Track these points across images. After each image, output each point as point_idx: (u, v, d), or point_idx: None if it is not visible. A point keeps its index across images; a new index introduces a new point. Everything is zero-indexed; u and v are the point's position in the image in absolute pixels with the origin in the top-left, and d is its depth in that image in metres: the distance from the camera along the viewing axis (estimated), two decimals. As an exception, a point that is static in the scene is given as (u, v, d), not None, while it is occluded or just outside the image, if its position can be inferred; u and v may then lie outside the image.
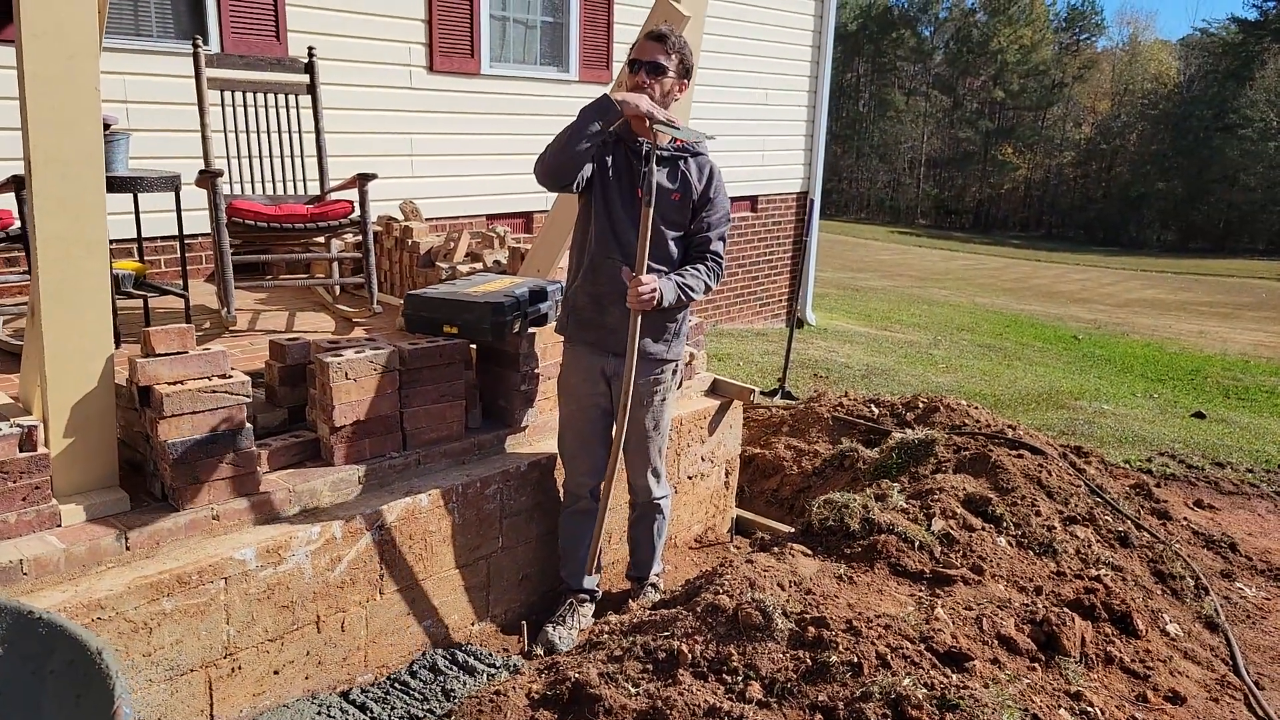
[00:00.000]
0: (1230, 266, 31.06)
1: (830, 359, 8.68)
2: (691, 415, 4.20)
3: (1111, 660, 2.74)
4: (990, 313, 15.18)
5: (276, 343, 3.23)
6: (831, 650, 2.38)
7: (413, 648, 3.20)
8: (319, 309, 4.69)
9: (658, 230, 3.13)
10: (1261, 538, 4.45)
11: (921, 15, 59.70)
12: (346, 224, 4.30)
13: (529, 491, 3.52)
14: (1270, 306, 20.20)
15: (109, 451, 2.73)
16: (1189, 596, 3.44)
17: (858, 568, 3.00)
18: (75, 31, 2.51)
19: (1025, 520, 3.46)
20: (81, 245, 2.60)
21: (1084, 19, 58.50)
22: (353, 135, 5.92)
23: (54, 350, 2.58)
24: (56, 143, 2.52)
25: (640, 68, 3.05)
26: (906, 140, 56.47)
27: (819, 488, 4.54)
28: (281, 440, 3.10)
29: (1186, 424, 7.07)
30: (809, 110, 9.97)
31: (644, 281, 2.96)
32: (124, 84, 5.01)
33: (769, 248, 9.98)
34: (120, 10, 5.05)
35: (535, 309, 3.60)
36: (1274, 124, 41.25)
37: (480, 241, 4.97)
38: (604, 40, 7.53)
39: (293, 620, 2.83)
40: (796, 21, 9.51)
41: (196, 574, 2.58)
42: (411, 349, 3.24)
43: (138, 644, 2.49)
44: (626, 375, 3.08)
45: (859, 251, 28.30)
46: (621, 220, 3.13)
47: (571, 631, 3.34)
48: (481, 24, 6.63)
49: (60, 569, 2.46)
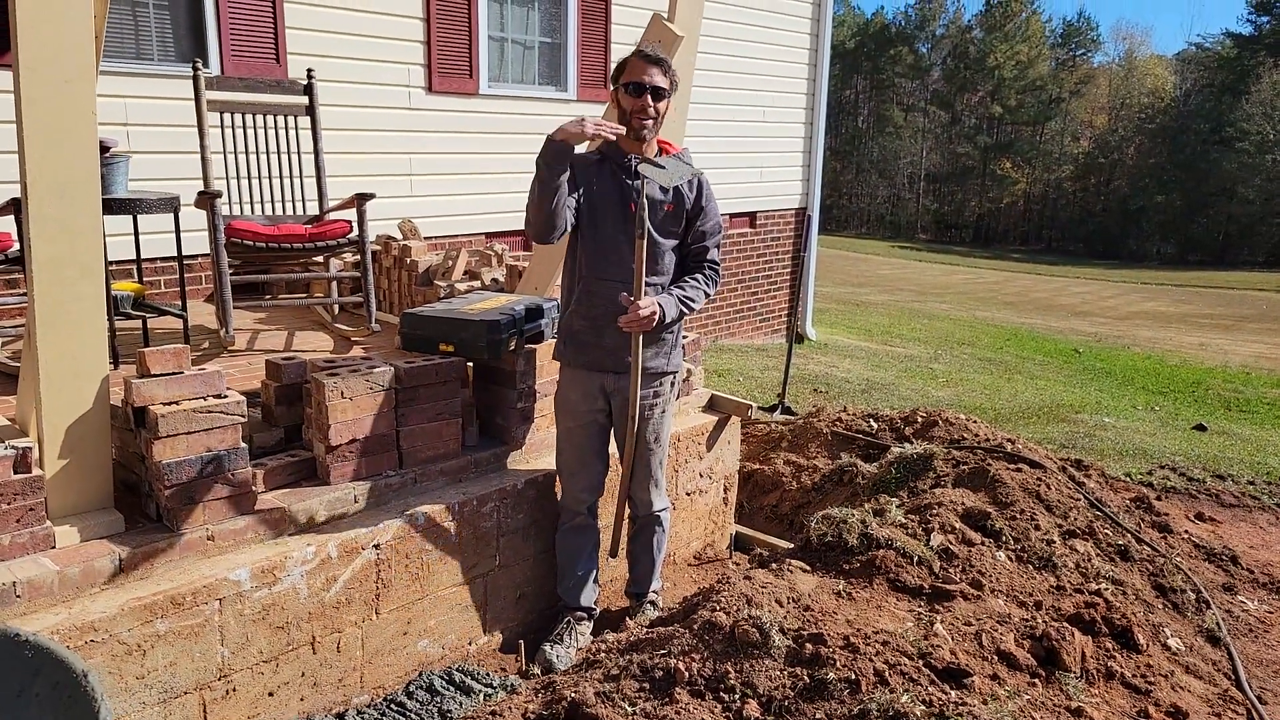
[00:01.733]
0: (1230, 278, 31.08)
1: (830, 374, 8.67)
2: (689, 431, 4.19)
3: (1112, 675, 2.72)
4: (991, 326, 15.18)
5: (273, 362, 3.23)
6: (829, 667, 2.37)
7: (409, 668, 3.19)
8: (318, 328, 4.70)
9: (654, 242, 3.14)
10: (1263, 550, 4.43)
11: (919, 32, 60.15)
12: (345, 243, 4.31)
13: (526, 509, 3.51)
14: (1271, 318, 20.19)
15: (104, 472, 2.73)
16: (1190, 610, 3.42)
17: (856, 584, 2.98)
18: (71, 56, 2.52)
19: (1024, 534, 3.45)
20: (77, 267, 2.61)
21: (1080, 35, 58.90)
22: (352, 155, 5.94)
23: (49, 372, 2.59)
24: (53, 166, 2.53)
25: (644, 91, 3.06)
26: (906, 155, 56.74)
27: (818, 503, 4.53)
28: (278, 459, 3.09)
29: (1188, 437, 7.05)
30: (806, 127, 10.01)
31: (643, 305, 2.98)
32: (124, 106, 5.04)
33: (768, 263, 10.00)
34: (121, 34, 5.09)
35: (532, 326, 3.60)
36: (1270, 137, 41.37)
37: (478, 260, 4.98)
38: (601, 60, 7.58)
39: (288, 641, 2.82)
40: (792, 40, 9.57)
41: (191, 595, 2.57)
42: (408, 368, 3.24)
43: (131, 666, 2.48)
44: (632, 395, 3.08)
45: (860, 266, 28.34)
46: (613, 239, 3.14)
47: (569, 650, 3.32)
48: (480, 45, 6.67)
49: (54, 591, 2.45)
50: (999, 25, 55.34)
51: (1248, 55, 47.99)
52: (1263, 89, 43.17)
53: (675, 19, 3.63)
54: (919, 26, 60.21)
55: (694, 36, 3.72)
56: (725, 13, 8.50)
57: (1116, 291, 25.51)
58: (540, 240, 3.11)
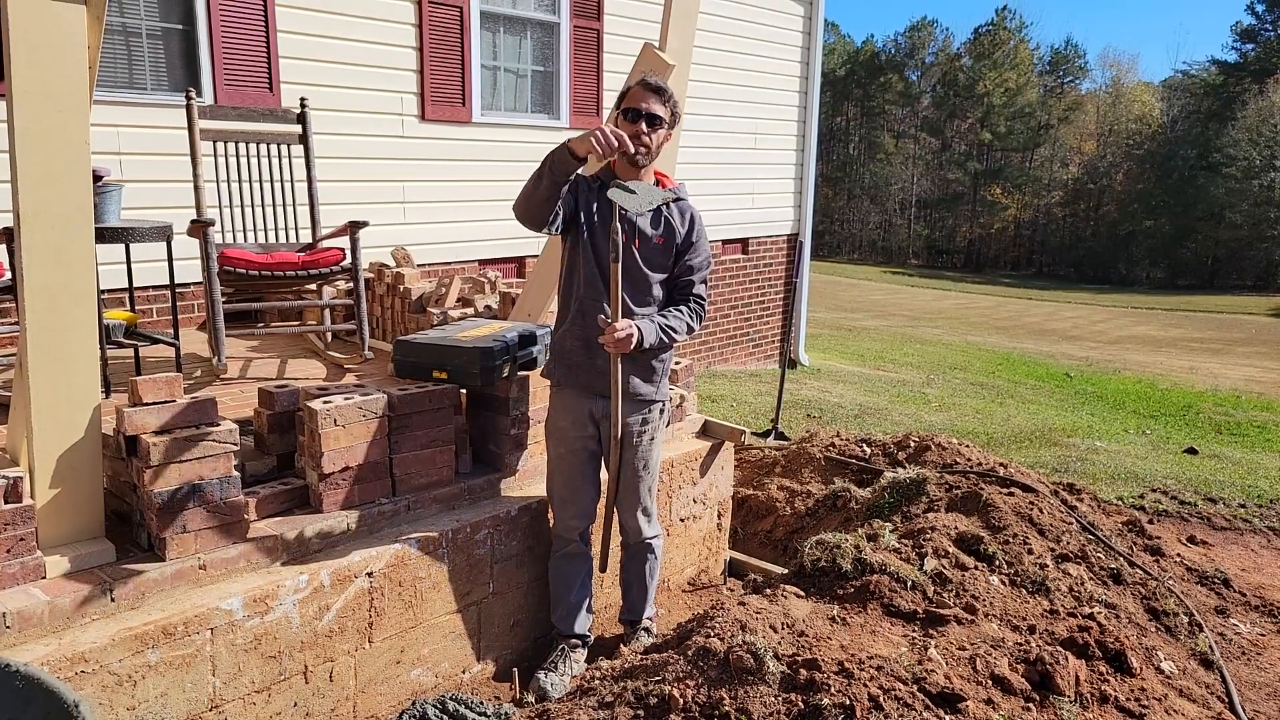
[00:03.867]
0: (1219, 302, 31.28)
1: (823, 399, 8.69)
2: (683, 457, 4.19)
3: (1106, 699, 2.71)
4: (983, 351, 15.24)
5: (265, 390, 3.23)
6: (823, 693, 2.36)
7: (403, 697, 3.16)
8: (311, 356, 4.70)
9: (642, 273, 3.17)
10: (1255, 573, 4.43)
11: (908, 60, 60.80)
12: (338, 271, 4.33)
13: (520, 536, 3.50)
14: (1261, 342, 20.30)
15: (95, 502, 2.72)
16: (1183, 633, 3.42)
17: (850, 609, 2.98)
18: (64, 87, 2.54)
19: (1018, 558, 3.45)
20: (69, 296, 2.61)
21: (1067, 62, 59.59)
22: (345, 183, 5.97)
23: (40, 401, 2.58)
24: (45, 196, 2.55)
25: (640, 117, 3.09)
26: (896, 182, 57.20)
27: (812, 528, 4.52)
28: (270, 488, 3.09)
29: (1179, 460, 7.07)
30: (798, 154, 10.10)
31: (618, 327, 3.00)
32: (118, 135, 5.07)
33: (761, 289, 10.04)
34: (115, 63, 5.12)
35: (525, 353, 3.61)
36: (1257, 163, 41.80)
37: (472, 287, 5.00)
38: (594, 88, 7.65)
39: (280, 671, 2.80)
40: (783, 67, 9.67)
41: (182, 625, 2.55)
42: (401, 395, 3.24)
43: (122, 697, 2.46)
44: (614, 416, 3.09)
45: (852, 292, 28.46)
46: (608, 261, 3.16)
47: (564, 678, 3.30)
48: (472, 73, 6.73)
49: (44, 621, 2.44)
50: (988, 53, 56.00)
51: (1233, 82, 48.63)
52: (1249, 115, 43.70)
53: (666, 48, 3.67)
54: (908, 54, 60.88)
55: (685, 65, 3.76)
56: (716, 41, 8.59)
57: (1107, 316, 25.65)
58: (524, 221, 3.11)
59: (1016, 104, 54.86)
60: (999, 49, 55.92)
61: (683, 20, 3.73)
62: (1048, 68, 59.79)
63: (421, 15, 6.35)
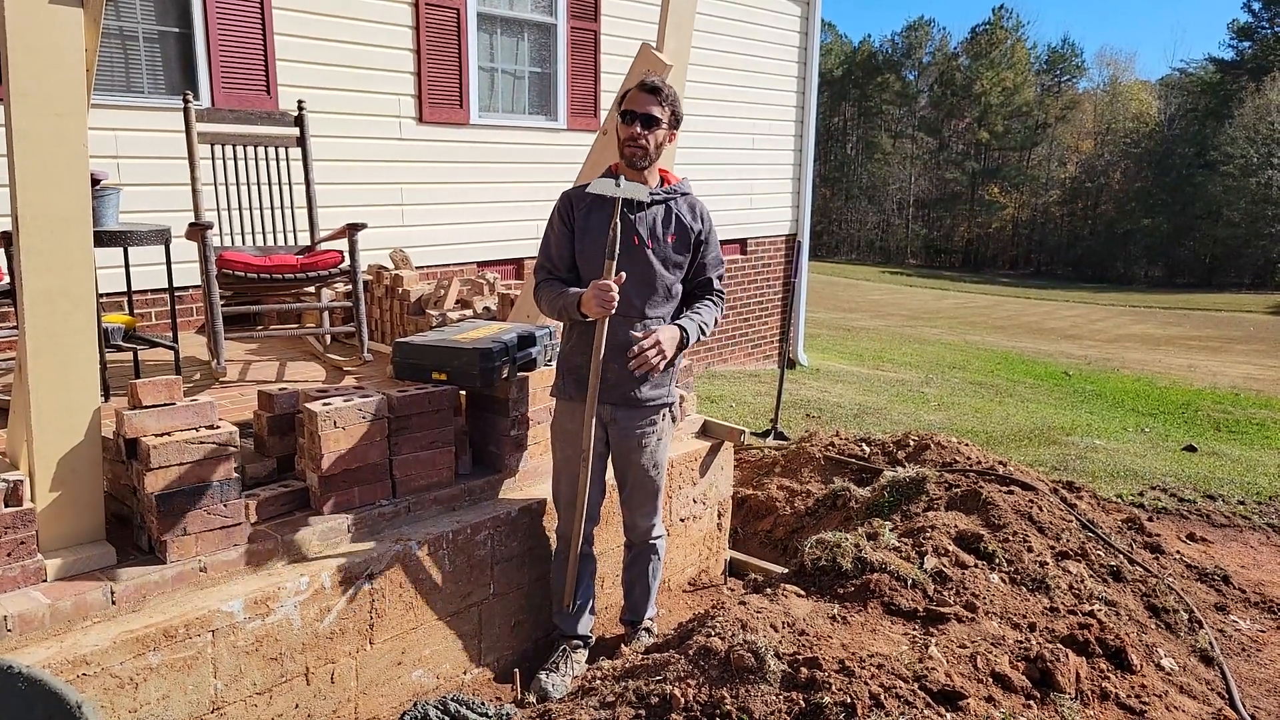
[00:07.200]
0: (1218, 300, 31.31)
1: (822, 399, 8.69)
2: (683, 457, 4.19)
3: (1107, 696, 2.72)
4: (981, 350, 15.25)
5: (265, 392, 3.23)
6: (824, 691, 2.36)
7: (404, 698, 3.16)
8: (310, 358, 4.70)
9: (658, 274, 3.16)
10: (1254, 570, 4.44)
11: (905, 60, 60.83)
12: (337, 273, 4.33)
13: (520, 537, 3.50)
14: (1259, 339, 20.32)
15: (95, 505, 2.72)
16: (1183, 630, 3.42)
17: (851, 607, 2.98)
18: (62, 90, 2.54)
19: (1018, 556, 3.45)
20: (68, 300, 2.61)
21: (1064, 61, 59.63)
22: (343, 186, 5.98)
23: (40, 404, 2.58)
24: (44, 199, 2.55)
25: (635, 119, 3.08)
26: (894, 182, 57.21)
27: (812, 528, 4.53)
28: (270, 490, 3.09)
29: (1178, 458, 7.08)
30: (796, 154, 10.11)
31: (645, 347, 3.05)
32: (115, 139, 5.07)
33: (759, 290, 10.05)
34: (112, 67, 5.12)
35: (524, 354, 3.61)
36: (1254, 160, 41.83)
37: (470, 288, 5.00)
38: (591, 89, 7.65)
39: (281, 673, 2.80)
40: (781, 68, 9.68)
41: (183, 627, 2.56)
42: (400, 396, 3.25)
43: (123, 700, 2.46)
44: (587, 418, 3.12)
45: (850, 292, 28.48)
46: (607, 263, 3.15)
47: (565, 678, 3.30)
48: (470, 75, 6.73)
49: (45, 624, 2.44)
50: (985, 52, 56.04)
51: (1230, 80, 48.67)
52: (1246, 113, 43.72)
53: (664, 49, 3.68)
54: (905, 54, 60.92)
55: (683, 66, 3.77)
56: (714, 41, 8.60)
57: (1105, 314, 25.67)
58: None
59: (1014, 103, 54.90)
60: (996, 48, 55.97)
61: (680, 21, 3.74)
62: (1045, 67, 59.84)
63: (418, 17, 6.35)
